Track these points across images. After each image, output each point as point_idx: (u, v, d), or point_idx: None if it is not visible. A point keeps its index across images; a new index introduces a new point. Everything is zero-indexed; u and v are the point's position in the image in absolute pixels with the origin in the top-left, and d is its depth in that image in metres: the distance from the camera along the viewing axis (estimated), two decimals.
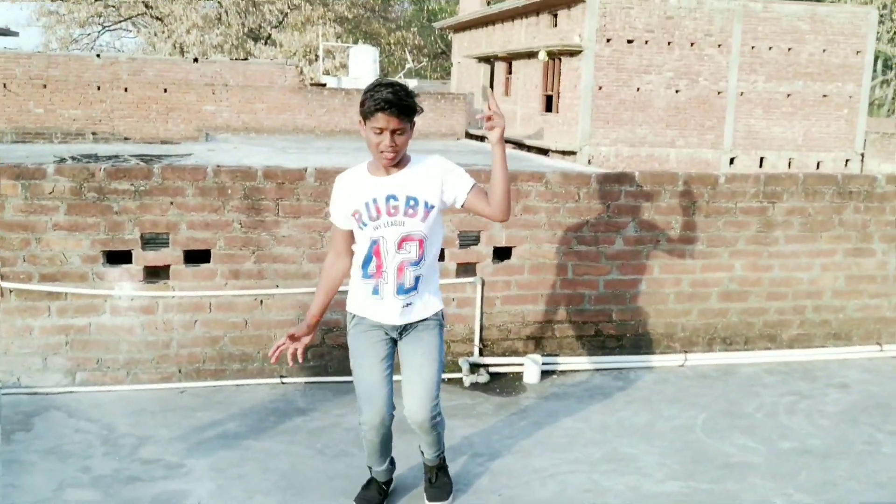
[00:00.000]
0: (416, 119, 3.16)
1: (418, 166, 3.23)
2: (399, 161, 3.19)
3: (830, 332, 5.71)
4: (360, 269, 3.28)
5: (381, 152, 3.10)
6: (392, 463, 3.62)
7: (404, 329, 3.32)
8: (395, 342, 3.37)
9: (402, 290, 3.24)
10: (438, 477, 3.66)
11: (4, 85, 20.73)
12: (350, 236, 3.32)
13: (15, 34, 36.88)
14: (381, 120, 3.04)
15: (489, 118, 3.18)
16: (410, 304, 3.27)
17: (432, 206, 3.21)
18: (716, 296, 5.49)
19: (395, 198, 3.17)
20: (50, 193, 4.55)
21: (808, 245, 5.56)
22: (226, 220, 4.76)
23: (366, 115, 3.09)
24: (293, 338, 3.32)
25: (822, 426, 4.53)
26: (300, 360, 3.34)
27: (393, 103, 3.02)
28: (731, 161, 24.98)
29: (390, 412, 3.35)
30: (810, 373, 5.38)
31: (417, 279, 3.25)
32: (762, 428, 4.49)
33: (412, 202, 3.18)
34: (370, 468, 3.60)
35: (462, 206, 3.26)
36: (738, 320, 5.56)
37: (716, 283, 5.47)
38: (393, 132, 3.07)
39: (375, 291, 3.25)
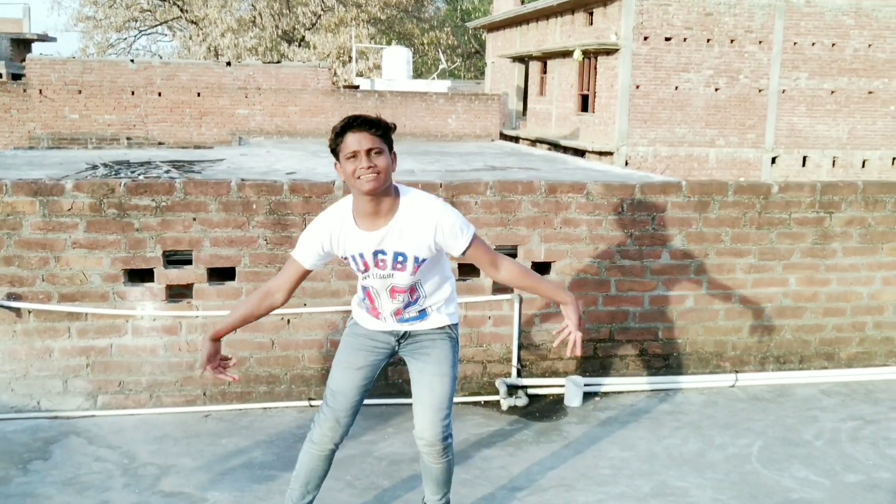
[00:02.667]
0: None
1: (409, 214, 2.90)
2: (386, 199, 2.87)
3: (893, 349, 5.35)
4: (359, 297, 3.18)
5: (359, 178, 2.77)
6: (312, 501, 3.22)
7: (404, 336, 3.13)
8: (390, 354, 3.17)
9: (404, 321, 3.11)
10: None
11: (40, 91, 20.84)
12: (303, 278, 3.06)
13: (53, 40, 37.37)
14: (351, 142, 2.77)
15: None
16: (415, 321, 3.12)
17: (423, 260, 2.96)
18: (769, 312, 5.16)
19: (382, 252, 2.94)
20: (69, 210, 4.37)
21: (869, 257, 5.21)
22: (251, 237, 4.55)
23: (336, 145, 2.83)
24: (212, 363, 3.07)
25: (890, 456, 4.19)
26: (234, 379, 3.18)
27: (358, 117, 2.82)
28: (773, 160, 24.38)
29: (348, 421, 3.13)
30: (872, 394, 5.03)
31: (422, 311, 3.10)
32: (824, 458, 4.16)
33: (400, 258, 2.94)
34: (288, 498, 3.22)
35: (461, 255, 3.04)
36: (793, 338, 5.23)
37: (769, 298, 5.14)
38: (368, 152, 2.77)
39: (377, 318, 3.14)
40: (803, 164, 24.59)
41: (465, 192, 4.72)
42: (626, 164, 23.00)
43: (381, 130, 2.81)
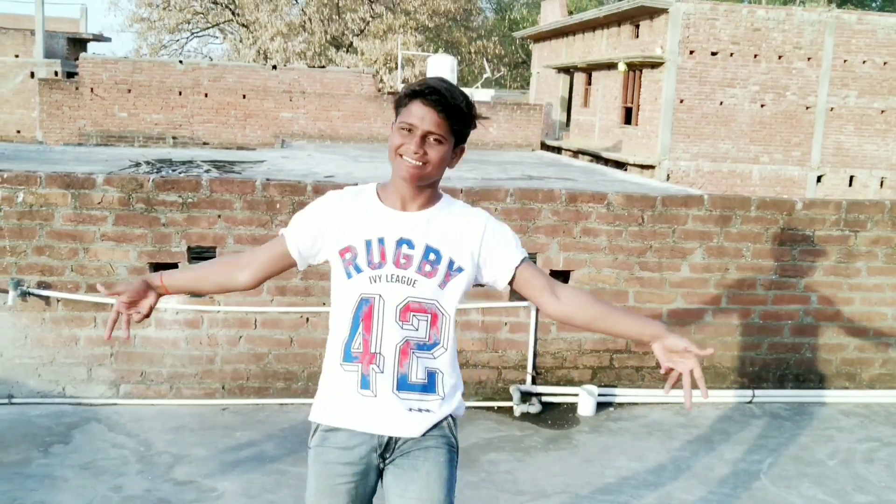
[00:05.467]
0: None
1: (452, 209, 2.27)
2: (427, 195, 2.23)
3: None
4: (340, 347, 2.20)
5: (401, 156, 2.14)
6: None
7: (389, 446, 2.20)
8: (378, 473, 2.24)
9: (405, 385, 2.17)
10: None
11: (92, 89, 21.38)
12: (279, 265, 2.31)
13: (108, 40, 38.23)
14: (415, 112, 2.13)
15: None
16: (421, 410, 2.19)
17: (460, 270, 2.21)
18: (789, 329, 5.12)
19: (409, 244, 2.18)
20: (99, 203, 4.51)
21: (894, 278, 5.14)
22: (274, 235, 4.64)
23: (399, 105, 2.19)
24: (130, 303, 2.31)
25: None
26: (126, 338, 2.42)
27: (438, 91, 2.13)
28: (819, 179, 24.00)
29: None
30: (893, 417, 4.97)
31: (432, 374, 2.20)
32: (835, 478, 4.12)
33: (432, 255, 2.19)
34: None
35: (507, 285, 2.28)
36: (813, 356, 5.18)
37: (789, 315, 5.10)
38: (426, 135, 2.13)
39: (365, 384, 2.17)
40: (850, 184, 24.16)
41: (486, 199, 4.76)
42: (668, 178, 22.83)
43: (456, 119, 2.16)
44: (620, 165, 24.08)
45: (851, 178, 24.20)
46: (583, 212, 4.85)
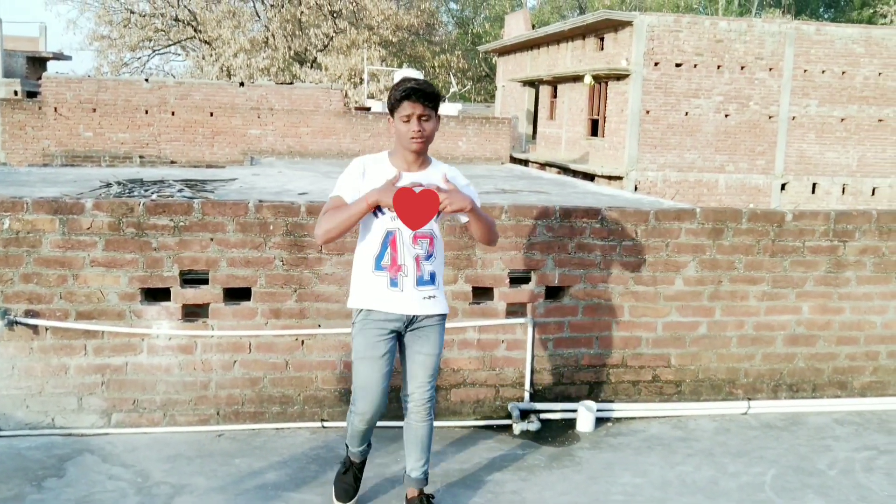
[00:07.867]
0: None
1: (438, 169, 3.50)
2: (422, 160, 3.45)
3: None
4: (372, 261, 3.44)
5: (412, 139, 3.33)
6: (369, 444, 3.85)
7: (412, 321, 3.48)
8: (398, 337, 3.52)
9: (422, 282, 3.45)
10: None
11: (55, 109, 21.03)
12: None
13: (68, 58, 37.76)
14: (407, 107, 3.31)
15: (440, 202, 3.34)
16: (432, 297, 3.48)
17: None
18: (781, 339, 5.16)
19: None
20: (88, 229, 4.41)
21: (882, 286, 5.22)
22: (267, 257, 4.58)
23: (393, 106, 3.37)
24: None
25: None
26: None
27: (416, 89, 3.32)
28: (783, 187, 24.39)
29: (383, 407, 3.55)
30: (886, 424, 5.02)
31: (433, 274, 3.49)
32: (838, 488, 4.15)
33: None
34: (347, 447, 3.80)
35: (465, 221, 3.53)
36: (806, 366, 5.22)
37: (781, 326, 5.15)
38: (419, 118, 3.32)
39: (394, 284, 3.42)
40: (813, 191, 24.60)
41: None
42: (636, 188, 23.04)
43: (433, 102, 3.37)
44: (588, 177, 24.26)
45: (814, 185, 24.65)
46: (577, 227, 4.85)
